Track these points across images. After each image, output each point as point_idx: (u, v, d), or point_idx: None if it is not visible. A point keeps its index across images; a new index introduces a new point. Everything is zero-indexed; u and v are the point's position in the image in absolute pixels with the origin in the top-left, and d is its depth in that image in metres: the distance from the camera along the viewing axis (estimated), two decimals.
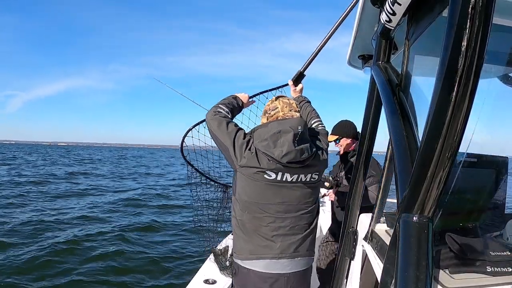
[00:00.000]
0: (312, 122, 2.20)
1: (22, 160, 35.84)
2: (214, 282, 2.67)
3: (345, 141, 3.06)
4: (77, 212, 10.19)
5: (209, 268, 2.95)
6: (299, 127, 1.76)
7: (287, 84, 2.59)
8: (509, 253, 1.17)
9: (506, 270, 1.10)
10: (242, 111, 2.23)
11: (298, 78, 2.54)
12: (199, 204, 2.91)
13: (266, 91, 2.63)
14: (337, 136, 3.05)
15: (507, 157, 1.56)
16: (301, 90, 2.54)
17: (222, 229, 3.12)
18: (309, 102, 2.40)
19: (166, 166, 35.02)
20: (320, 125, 2.17)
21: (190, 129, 2.47)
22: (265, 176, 1.79)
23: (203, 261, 3.15)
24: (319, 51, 2.50)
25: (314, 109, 2.30)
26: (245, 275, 1.88)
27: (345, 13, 2.21)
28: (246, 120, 2.56)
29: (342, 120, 3.17)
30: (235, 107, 2.07)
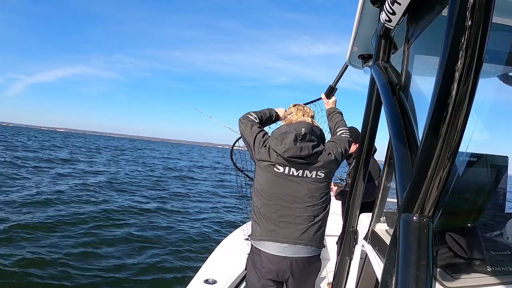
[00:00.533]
0: (338, 130, 2.45)
1: (19, 143, 35.58)
2: (214, 282, 2.67)
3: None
4: (71, 195, 10.34)
5: (210, 268, 2.96)
6: (303, 129, 2.05)
7: (320, 98, 2.86)
8: (510, 253, 1.17)
9: (507, 269, 1.10)
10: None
11: (330, 92, 2.76)
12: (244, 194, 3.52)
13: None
14: None
15: (507, 157, 1.56)
16: (334, 102, 2.77)
17: None
18: (340, 113, 2.63)
19: (167, 159, 35.09)
20: (344, 133, 2.41)
21: (237, 139, 3.01)
22: (275, 169, 2.11)
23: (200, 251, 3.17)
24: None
25: (342, 119, 2.56)
26: (256, 256, 2.18)
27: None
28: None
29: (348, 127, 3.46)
30: (266, 116, 2.45)
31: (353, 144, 3.34)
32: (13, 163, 16.65)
